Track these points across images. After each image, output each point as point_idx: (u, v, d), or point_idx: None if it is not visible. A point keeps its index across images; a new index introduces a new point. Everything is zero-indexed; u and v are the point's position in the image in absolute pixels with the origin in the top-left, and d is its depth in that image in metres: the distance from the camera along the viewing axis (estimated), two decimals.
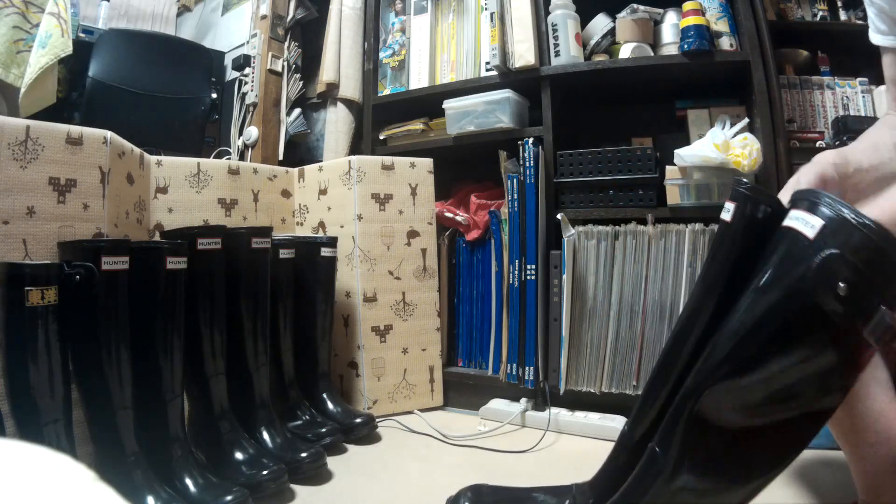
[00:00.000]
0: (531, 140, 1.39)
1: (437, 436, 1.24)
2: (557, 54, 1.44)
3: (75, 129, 0.97)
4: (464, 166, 1.68)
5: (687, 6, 1.36)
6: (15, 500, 0.22)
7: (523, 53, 1.44)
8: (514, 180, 1.39)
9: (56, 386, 0.77)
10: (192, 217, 1.31)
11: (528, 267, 1.36)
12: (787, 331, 0.50)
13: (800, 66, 1.49)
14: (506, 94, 1.46)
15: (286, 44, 1.98)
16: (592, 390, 1.29)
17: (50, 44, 1.50)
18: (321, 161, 1.76)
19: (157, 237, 1.23)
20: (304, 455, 1.02)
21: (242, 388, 1.07)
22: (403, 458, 1.15)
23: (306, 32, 2.07)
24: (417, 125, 1.65)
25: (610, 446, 1.18)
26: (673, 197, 1.30)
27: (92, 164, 0.98)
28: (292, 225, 1.56)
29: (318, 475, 1.03)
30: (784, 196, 0.60)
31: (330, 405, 1.26)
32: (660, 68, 1.39)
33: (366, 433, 1.24)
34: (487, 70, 1.56)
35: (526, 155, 1.38)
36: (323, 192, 1.50)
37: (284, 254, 1.21)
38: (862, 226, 0.46)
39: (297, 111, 1.97)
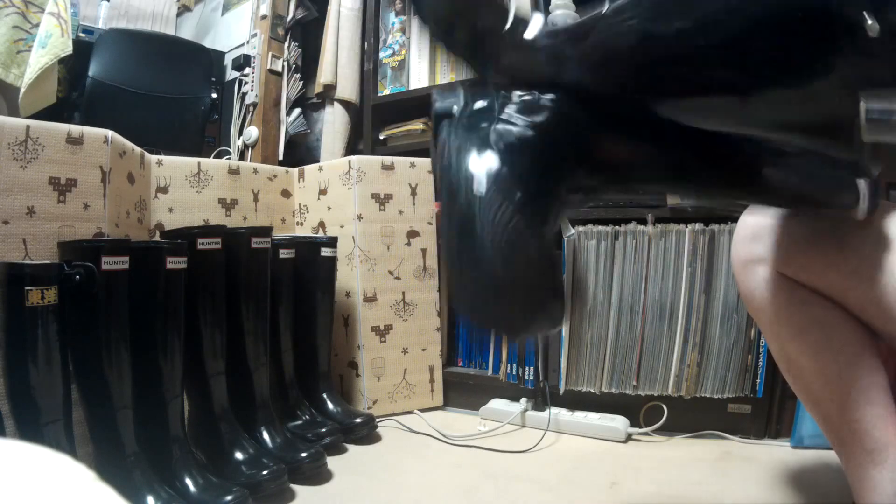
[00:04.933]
0: None
1: (437, 436, 1.24)
2: None
3: (76, 129, 0.96)
4: None
5: None
6: (15, 500, 0.22)
7: None
8: None
9: (56, 386, 0.77)
10: (192, 217, 1.31)
11: None
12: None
13: None
14: None
15: (286, 44, 1.98)
16: (592, 390, 1.29)
17: (50, 44, 1.50)
18: (321, 161, 1.76)
19: (157, 237, 1.23)
20: (304, 455, 1.02)
21: (242, 388, 1.07)
22: (403, 458, 1.15)
23: (306, 32, 2.07)
24: (417, 125, 1.65)
25: (610, 446, 1.19)
26: (673, 197, 1.30)
27: (92, 164, 0.98)
28: (292, 225, 1.56)
29: (318, 475, 1.03)
30: None
31: (330, 405, 1.26)
32: None
33: (366, 433, 1.24)
34: None
35: None
36: (323, 192, 1.50)
37: (284, 254, 1.21)
38: None
39: (296, 111, 1.97)
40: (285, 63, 1.96)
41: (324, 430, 1.15)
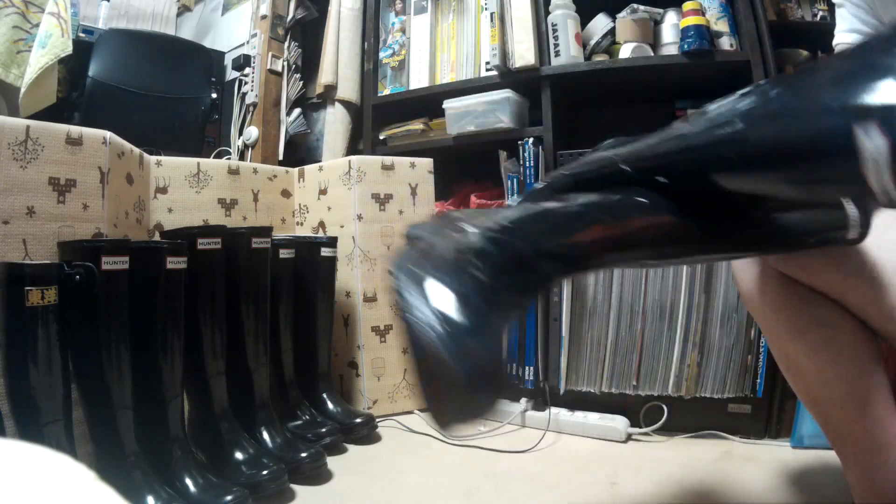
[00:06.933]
0: (531, 140, 1.39)
1: (437, 436, 1.24)
2: (557, 54, 1.44)
3: (75, 130, 0.96)
4: (464, 166, 1.68)
5: (687, 6, 1.36)
6: (15, 500, 0.22)
7: (523, 53, 1.44)
8: (514, 180, 1.39)
9: (56, 386, 0.77)
10: (191, 217, 1.31)
11: None
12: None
13: (800, 65, 1.49)
14: (506, 94, 1.46)
15: (286, 44, 1.98)
16: (592, 390, 1.28)
17: (50, 44, 1.50)
18: (321, 161, 1.76)
19: (156, 237, 1.23)
20: (304, 455, 1.02)
21: (242, 388, 1.07)
22: (403, 458, 1.15)
23: (306, 32, 2.07)
24: (417, 125, 1.65)
25: (610, 446, 1.19)
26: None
27: (91, 165, 0.98)
28: (292, 225, 1.56)
29: (318, 475, 1.03)
30: None
31: (330, 405, 1.26)
32: (660, 68, 1.39)
33: (366, 433, 1.24)
34: (487, 70, 1.56)
35: (526, 155, 1.38)
36: (323, 192, 1.50)
37: (284, 254, 1.21)
38: None
39: (297, 111, 1.97)
40: (285, 63, 1.96)
41: (324, 430, 1.15)
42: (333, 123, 1.85)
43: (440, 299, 0.47)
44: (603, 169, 0.59)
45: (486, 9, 1.52)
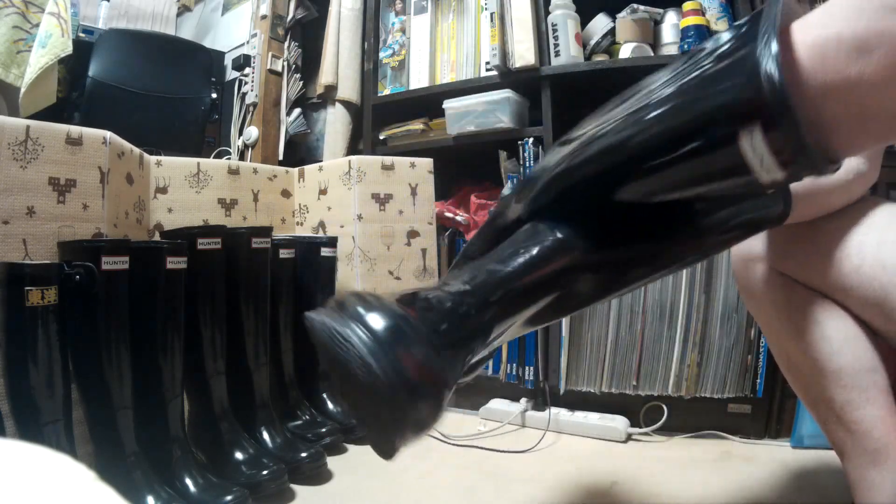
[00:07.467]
0: (531, 140, 1.39)
1: (437, 436, 1.24)
2: (557, 54, 1.44)
3: (75, 130, 0.96)
4: (464, 166, 1.68)
5: (687, 6, 1.36)
6: (15, 500, 0.22)
7: (523, 53, 1.44)
8: (514, 180, 1.39)
9: (56, 386, 0.77)
10: (191, 217, 1.31)
11: None
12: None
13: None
14: (506, 93, 1.46)
15: (286, 44, 1.98)
16: (592, 390, 1.29)
17: (50, 44, 1.50)
18: (321, 161, 1.76)
19: (156, 237, 1.23)
20: (304, 455, 1.02)
21: (242, 388, 1.07)
22: (403, 458, 1.15)
23: (306, 32, 2.07)
24: (417, 125, 1.65)
25: (610, 446, 1.19)
26: None
27: (91, 165, 0.98)
28: (292, 225, 1.56)
29: (318, 475, 1.03)
30: None
31: (330, 405, 1.26)
32: (660, 68, 1.39)
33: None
34: (487, 70, 1.56)
35: (526, 155, 1.38)
36: (323, 192, 1.50)
37: (284, 254, 1.21)
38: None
39: (297, 111, 1.97)
40: (285, 63, 1.96)
41: (324, 430, 1.15)
42: (333, 123, 1.85)
43: (374, 323, 0.45)
44: (502, 216, 0.57)
45: (486, 9, 1.52)
